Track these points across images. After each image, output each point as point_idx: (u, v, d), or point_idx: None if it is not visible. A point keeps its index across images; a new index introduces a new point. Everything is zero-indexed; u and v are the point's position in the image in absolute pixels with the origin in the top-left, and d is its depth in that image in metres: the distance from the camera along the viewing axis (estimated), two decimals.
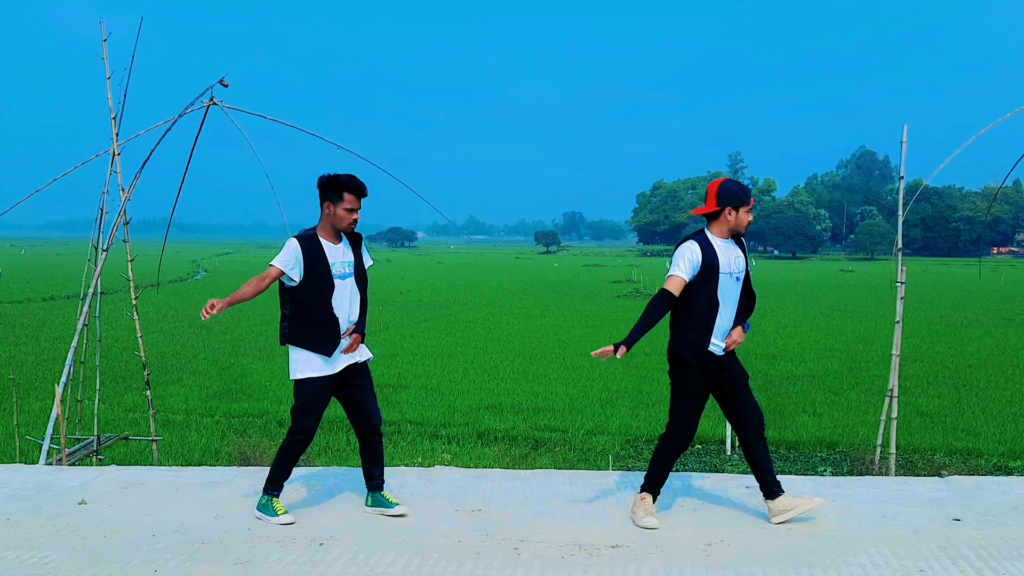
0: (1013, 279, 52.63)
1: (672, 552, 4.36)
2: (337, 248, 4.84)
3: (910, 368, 15.42)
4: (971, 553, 4.34)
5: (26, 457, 8.59)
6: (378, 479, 5.04)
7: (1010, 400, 12.95)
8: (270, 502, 4.85)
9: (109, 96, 7.16)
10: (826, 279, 53.04)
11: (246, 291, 4.69)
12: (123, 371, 14.51)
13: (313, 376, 4.77)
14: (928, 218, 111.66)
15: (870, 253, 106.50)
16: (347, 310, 4.85)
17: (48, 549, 4.41)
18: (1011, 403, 12.72)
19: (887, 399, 7.39)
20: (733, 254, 4.77)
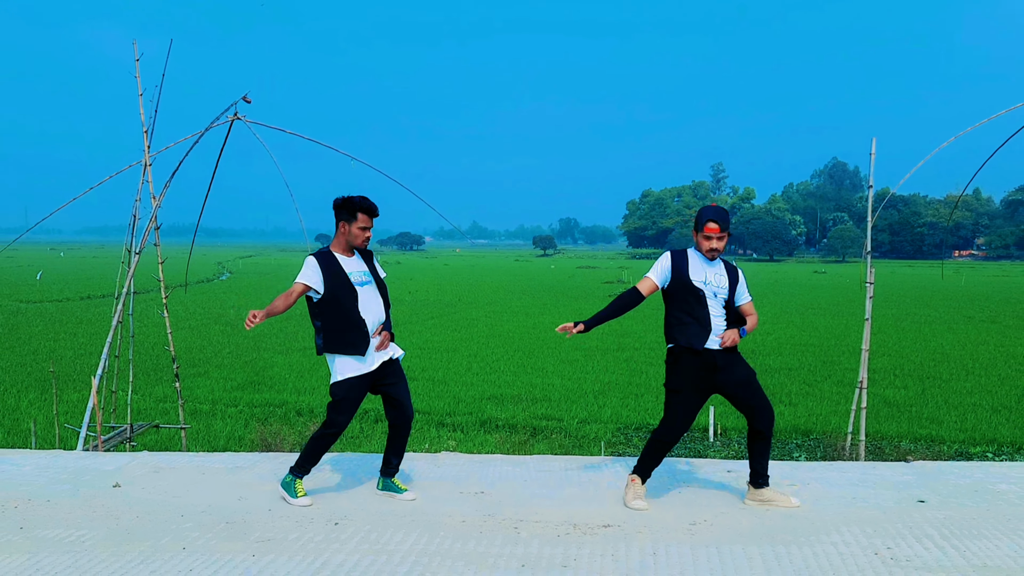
0: (973, 280, 52.62)
1: (659, 531, 4.36)
2: (351, 260, 4.85)
3: (878, 362, 15.42)
4: (935, 532, 4.34)
5: (65, 443, 8.59)
6: (395, 467, 5.02)
7: (970, 391, 12.95)
8: (293, 482, 4.84)
9: (141, 112, 7.16)
10: (801, 280, 53.02)
11: (278, 305, 4.69)
12: (154, 364, 14.50)
13: (351, 376, 4.76)
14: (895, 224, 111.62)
15: (841, 256, 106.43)
16: (375, 312, 4.83)
17: (85, 528, 4.41)
18: (971, 394, 12.72)
19: (857, 390, 7.39)
20: (714, 271, 4.71)
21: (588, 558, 3.98)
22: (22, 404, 11.34)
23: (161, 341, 15.69)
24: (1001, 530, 4.37)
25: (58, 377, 12.02)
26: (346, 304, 4.73)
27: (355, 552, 4.07)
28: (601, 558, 3.98)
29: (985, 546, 4.13)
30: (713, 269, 4.73)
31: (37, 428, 9.08)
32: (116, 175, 7.40)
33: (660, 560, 3.95)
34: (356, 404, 4.85)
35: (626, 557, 3.99)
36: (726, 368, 4.69)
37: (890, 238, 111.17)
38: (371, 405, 11.49)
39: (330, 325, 4.75)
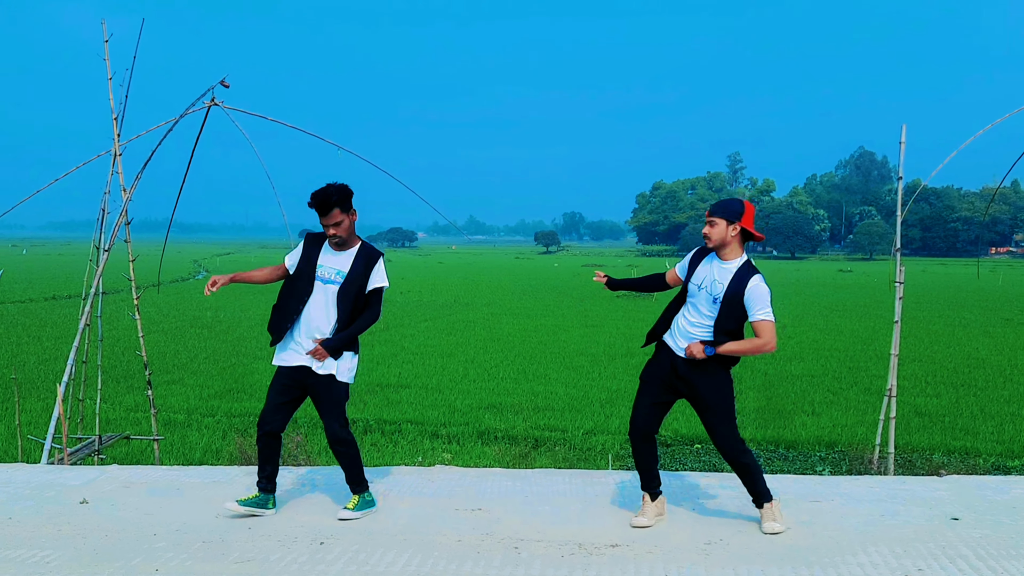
0: (1011, 279, 52.63)
1: (671, 551, 4.36)
2: (337, 256, 4.86)
3: (908, 368, 15.42)
4: (969, 552, 4.34)
5: (28, 456, 8.59)
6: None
7: (1008, 400, 12.95)
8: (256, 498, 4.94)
9: (111, 97, 7.16)
10: (825, 279, 53.05)
11: (257, 275, 4.86)
12: (125, 371, 14.51)
13: (274, 364, 4.98)
14: (926, 218, 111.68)
15: (869, 253, 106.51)
16: (316, 315, 4.84)
17: (50, 548, 4.41)
18: (1009, 403, 12.72)
19: (885, 399, 7.39)
20: (717, 272, 4.65)
21: None
22: None
23: (132, 345, 15.68)
24: None
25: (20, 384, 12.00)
26: (292, 289, 4.89)
27: (342, 574, 4.07)
28: None
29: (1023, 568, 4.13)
30: (718, 270, 4.64)
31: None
32: (83, 165, 7.40)
33: None
34: (275, 395, 4.93)
35: None
36: (687, 380, 4.69)
37: (921, 234, 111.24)
38: (359, 415, 11.49)
39: (275, 303, 4.94)
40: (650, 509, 4.82)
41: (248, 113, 7.24)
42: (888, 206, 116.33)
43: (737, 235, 4.63)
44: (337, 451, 4.93)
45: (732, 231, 4.61)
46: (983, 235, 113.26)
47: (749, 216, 4.64)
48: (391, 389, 13.48)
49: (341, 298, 4.86)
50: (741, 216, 4.60)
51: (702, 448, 10.04)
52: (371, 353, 17.22)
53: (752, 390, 13.42)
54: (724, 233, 4.60)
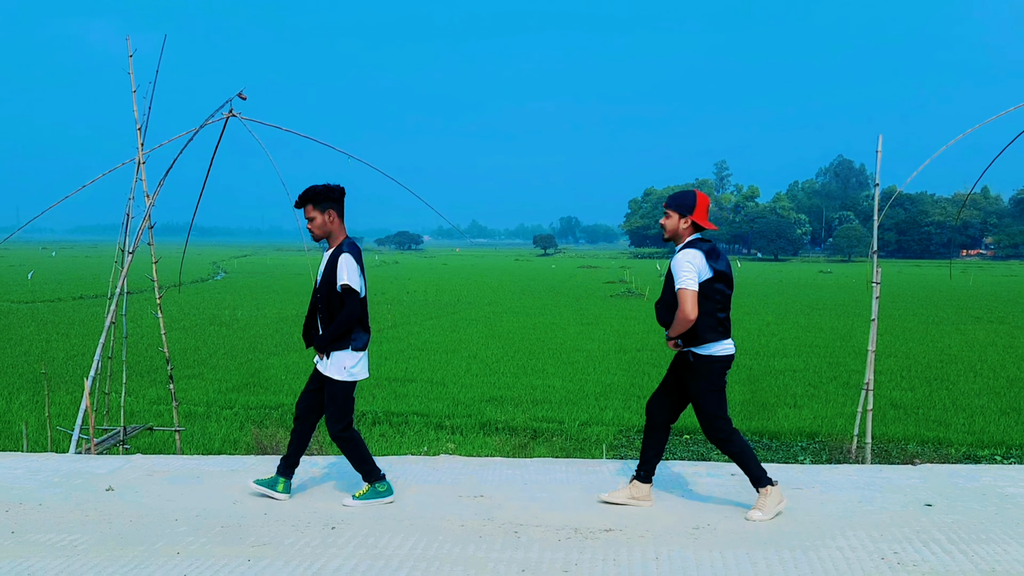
0: (981, 280, 52.61)
1: (662, 535, 4.35)
2: (324, 257, 4.90)
3: (885, 363, 15.42)
4: (942, 536, 4.34)
5: (57, 446, 8.59)
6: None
7: (978, 393, 12.94)
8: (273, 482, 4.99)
9: (135, 108, 7.16)
10: (806, 280, 53.02)
11: None
12: (148, 366, 14.50)
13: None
14: (902, 222, 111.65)
15: (847, 255, 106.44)
16: (314, 318, 4.94)
17: (78, 532, 4.41)
18: (979, 396, 12.72)
19: (863, 392, 7.39)
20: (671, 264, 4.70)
21: (589, 563, 3.98)
22: (13, 406, 11.34)
23: (155, 342, 15.69)
24: (1010, 534, 4.37)
25: (50, 379, 12.01)
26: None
27: (352, 557, 4.07)
28: (603, 563, 3.98)
29: (993, 551, 4.13)
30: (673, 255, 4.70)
31: (29, 431, 9.08)
32: (109, 173, 7.39)
33: (663, 565, 3.95)
34: (306, 392, 4.98)
35: (628, 562, 3.99)
36: (680, 372, 4.74)
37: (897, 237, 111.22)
38: (368, 407, 11.49)
39: None
40: (623, 491, 4.87)
41: (264, 124, 7.24)
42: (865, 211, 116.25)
43: (688, 227, 4.62)
44: (337, 444, 4.91)
45: (683, 223, 4.62)
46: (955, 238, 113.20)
47: (701, 209, 4.61)
48: (398, 383, 13.48)
49: (317, 298, 4.91)
50: (693, 210, 4.59)
51: (691, 438, 10.04)
52: (379, 349, 17.22)
53: (737, 384, 13.42)
54: (676, 225, 4.63)
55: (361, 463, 4.91)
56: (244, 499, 4.98)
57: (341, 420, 4.86)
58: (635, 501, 4.83)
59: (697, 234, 4.65)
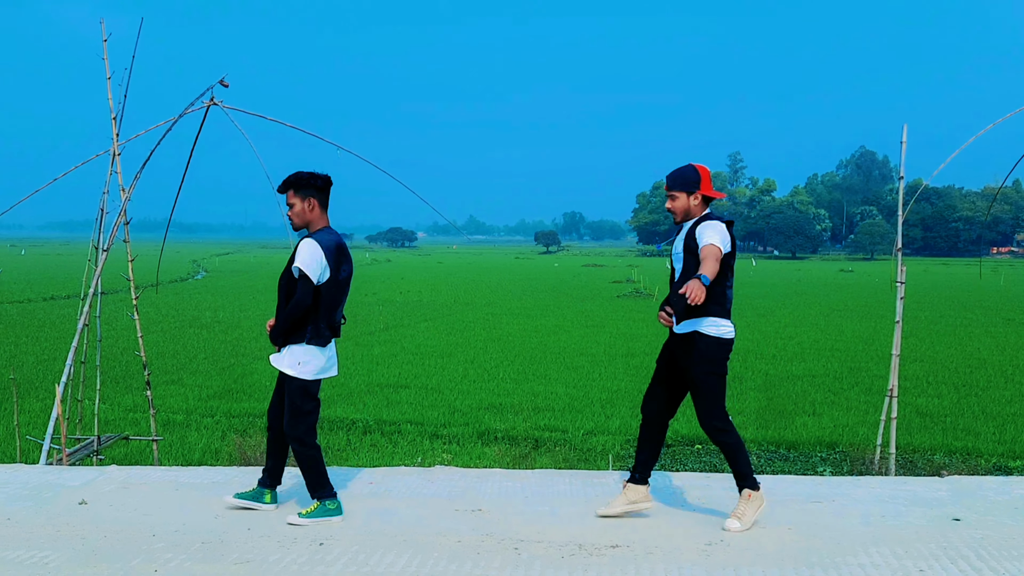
0: (1013, 279, 52.64)
1: (672, 552, 4.36)
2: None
3: (910, 368, 15.42)
4: (971, 553, 4.34)
5: (26, 457, 8.59)
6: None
7: (1010, 400, 12.95)
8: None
9: (110, 96, 7.16)
10: (826, 279, 53.05)
11: None
12: (123, 371, 14.51)
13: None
14: (928, 218, 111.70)
15: (870, 253, 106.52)
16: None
17: (48, 549, 4.41)
18: (1011, 403, 12.72)
19: (887, 399, 7.39)
20: (680, 235, 4.78)
21: None
22: None
23: (131, 345, 15.68)
24: None
25: (19, 385, 12.01)
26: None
27: (341, 575, 4.07)
28: None
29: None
30: (681, 232, 4.75)
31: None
32: (82, 165, 7.40)
33: None
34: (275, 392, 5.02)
35: None
36: (678, 352, 4.76)
37: (923, 234, 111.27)
38: (358, 415, 11.49)
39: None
40: (618, 500, 4.90)
41: (247, 113, 7.24)
42: (889, 206, 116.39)
43: (700, 202, 4.69)
44: (292, 448, 4.87)
45: (693, 200, 4.68)
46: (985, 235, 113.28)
47: (706, 181, 4.68)
48: (390, 389, 13.48)
49: (279, 287, 4.92)
50: (699, 184, 4.66)
51: (703, 449, 10.04)
52: (370, 353, 17.22)
53: (753, 391, 13.42)
54: (686, 204, 4.69)
55: (314, 475, 4.86)
56: (226, 513, 4.98)
57: (298, 424, 4.80)
58: (634, 506, 4.84)
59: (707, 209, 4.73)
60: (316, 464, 4.86)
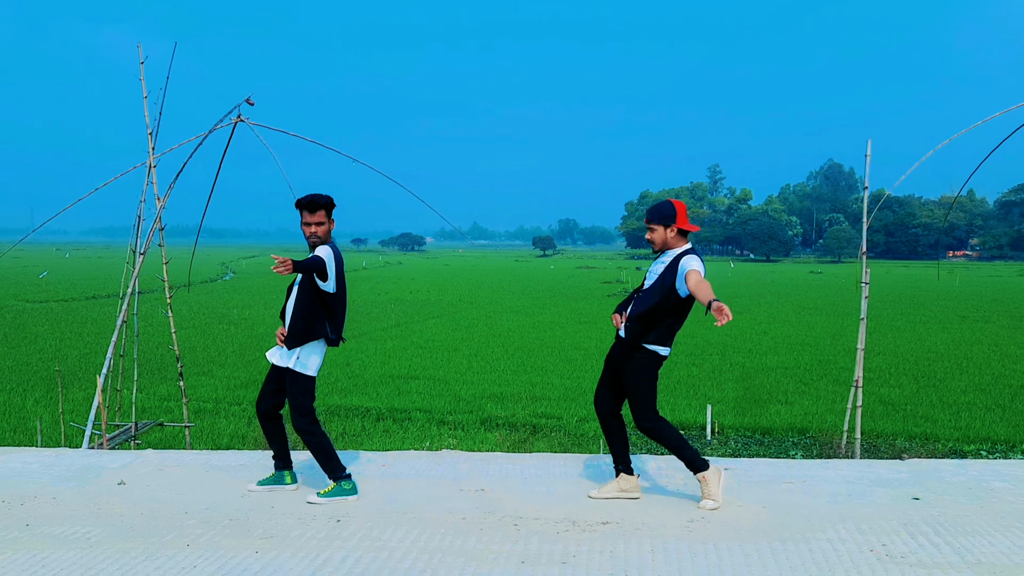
0: (967, 280, 52.63)
1: (657, 528, 4.36)
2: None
3: (874, 361, 15.41)
4: (929, 529, 4.35)
5: (70, 442, 8.59)
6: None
7: (964, 390, 12.94)
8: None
9: (146, 114, 7.16)
10: (797, 280, 53.01)
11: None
12: (158, 363, 14.50)
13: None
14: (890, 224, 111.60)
15: (837, 256, 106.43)
16: (288, 312, 4.91)
17: (91, 525, 4.41)
18: (965, 393, 12.72)
19: (853, 389, 7.39)
20: (655, 266, 4.74)
21: (587, 555, 3.98)
22: (28, 403, 11.34)
23: (165, 340, 15.68)
24: (995, 527, 4.37)
25: (63, 376, 12.01)
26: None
27: (357, 549, 4.07)
28: (600, 555, 3.98)
29: (979, 543, 4.13)
30: (656, 264, 4.75)
31: (43, 426, 9.08)
32: (121, 176, 7.40)
33: (658, 557, 3.96)
34: (265, 386, 5.00)
35: (624, 554, 3.99)
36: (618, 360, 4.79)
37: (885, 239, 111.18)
38: (372, 404, 11.49)
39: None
40: (610, 485, 4.90)
41: (271, 128, 7.24)
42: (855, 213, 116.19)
43: (676, 235, 4.69)
44: (302, 438, 4.86)
45: (670, 232, 4.68)
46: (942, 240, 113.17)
47: (682, 215, 4.68)
48: (401, 380, 13.47)
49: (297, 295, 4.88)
50: (675, 219, 4.67)
51: (685, 434, 10.03)
52: (383, 347, 17.20)
53: (731, 381, 13.41)
54: (664, 236, 4.69)
55: (324, 459, 4.88)
56: (252, 493, 4.98)
57: (304, 418, 4.83)
58: (625, 494, 4.85)
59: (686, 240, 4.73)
60: (327, 450, 4.89)
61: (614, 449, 4.94)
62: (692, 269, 4.48)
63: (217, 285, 41.13)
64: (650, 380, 4.71)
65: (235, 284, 42.44)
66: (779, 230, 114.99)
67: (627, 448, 4.95)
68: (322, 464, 4.89)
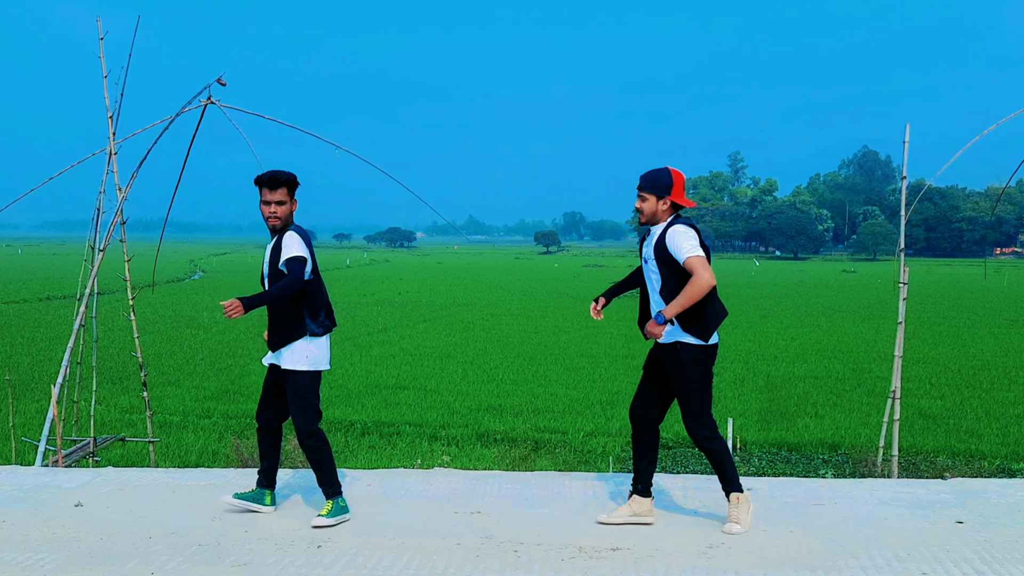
0: (1017, 280, 52.64)
1: (673, 555, 4.35)
2: (269, 248, 4.90)
3: (913, 369, 15.42)
4: (974, 556, 4.34)
5: (22, 458, 8.59)
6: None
7: (1013, 402, 12.95)
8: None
9: (106, 95, 7.16)
10: (828, 280, 53.06)
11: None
12: (120, 372, 14.50)
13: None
14: (931, 218, 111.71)
15: (872, 254, 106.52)
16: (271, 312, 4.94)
17: (44, 551, 4.40)
18: (1015, 405, 12.73)
19: (889, 400, 7.39)
20: (649, 243, 4.71)
21: None
22: None
23: (127, 346, 15.68)
24: None
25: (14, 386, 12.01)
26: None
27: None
28: None
29: None
30: (648, 240, 4.70)
31: None
32: (78, 164, 7.40)
33: None
34: (264, 392, 5.03)
35: None
36: (663, 362, 4.74)
37: (926, 234, 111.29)
38: (356, 416, 11.49)
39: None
40: (622, 509, 4.84)
41: (245, 112, 7.24)
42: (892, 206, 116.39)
43: (668, 208, 4.64)
44: (304, 445, 4.86)
45: (662, 205, 4.63)
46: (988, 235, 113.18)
47: (678, 187, 4.62)
48: (389, 390, 13.48)
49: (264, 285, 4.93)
50: (670, 190, 4.61)
51: None
52: (368, 354, 17.21)
53: (754, 392, 13.42)
54: (655, 207, 4.64)
55: (328, 469, 4.88)
56: (223, 516, 4.98)
57: (309, 419, 4.83)
58: (637, 518, 4.82)
59: (676, 214, 4.67)
60: (329, 459, 4.90)
61: (639, 466, 4.87)
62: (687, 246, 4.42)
63: (185, 285, 41.15)
64: (702, 381, 4.62)
65: (205, 284, 42.46)
66: (808, 224, 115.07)
67: (654, 467, 4.90)
68: (321, 475, 4.88)
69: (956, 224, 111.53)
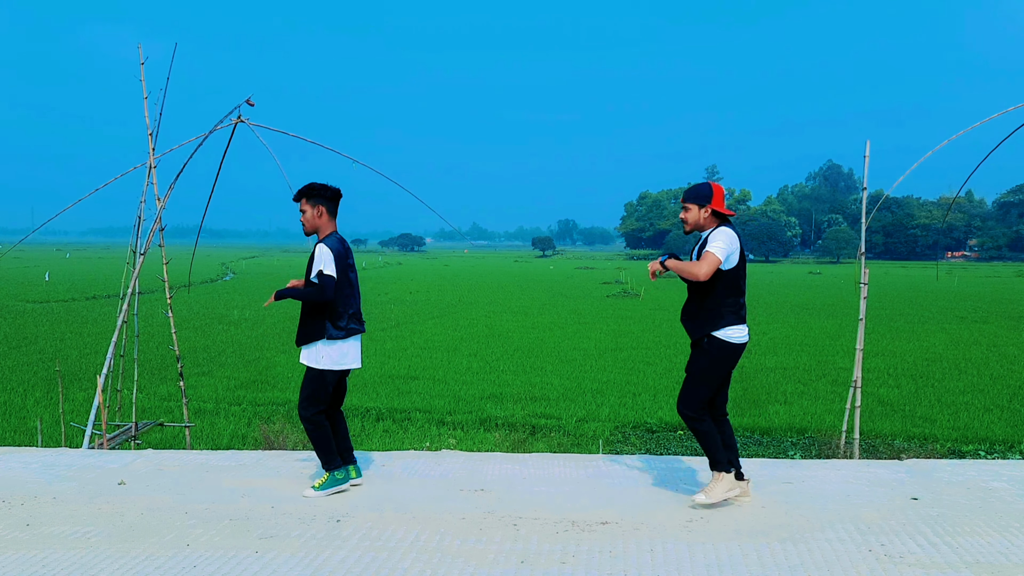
0: (965, 281, 52.64)
1: (656, 528, 4.35)
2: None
3: (872, 361, 15.41)
4: (928, 529, 4.34)
5: (70, 442, 8.58)
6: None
7: (963, 390, 12.94)
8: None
9: (146, 114, 7.15)
10: (796, 281, 53.01)
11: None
12: (159, 364, 14.49)
13: None
14: (889, 225, 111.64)
15: (836, 257, 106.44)
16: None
17: (90, 525, 4.40)
18: (963, 393, 12.72)
19: (851, 389, 7.38)
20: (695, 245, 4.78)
21: (586, 555, 3.98)
22: (28, 403, 11.33)
23: (165, 340, 15.67)
24: (993, 527, 4.37)
25: (64, 376, 12.01)
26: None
27: (356, 549, 4.06)
28: (599, 555, 3.97)
29: (977, 543, 4.13)
30: (699, 243, 4.71)
31: (43, 426, 9.07)
32: (121, 176, 7.39)
33: (657, 557, 3.95)
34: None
35: (624, 554, 3.99)
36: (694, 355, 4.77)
37: (884, 239, 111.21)
38: (372, 404, 11.48)
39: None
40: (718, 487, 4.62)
41: (271, 129, 7.24)
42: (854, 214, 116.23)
43: (709, 216, 4.66)
44: (303, 424, 4.95)
45: (704, 213, 4.65)
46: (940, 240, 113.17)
47: (718, 197, 4.65)
48: (401, 380, 13.47)
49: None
50: (710, 199, 4.64)
51: (684, 434, 10.03)
52: (383, 348, 17.20)
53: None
54: (697, 216, 4.67)
55: (321, 450, 4.94)
56: (252, 493, 4.98)
57: (309, 407, 4.89)
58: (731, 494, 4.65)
59: (722, 221, 4.68)
60: (327, 441, 4.94)
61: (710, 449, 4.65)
62: (714, 245, 4.46)
63: (217, 285, 41.11)
64: (718, 373, 4.60)
65: (235, 284, 42.42)
66: (778, 231, 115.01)
67: (733, 450, 4.74)
68: (320, 454, 4.95)
69: (911, 230, 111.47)
